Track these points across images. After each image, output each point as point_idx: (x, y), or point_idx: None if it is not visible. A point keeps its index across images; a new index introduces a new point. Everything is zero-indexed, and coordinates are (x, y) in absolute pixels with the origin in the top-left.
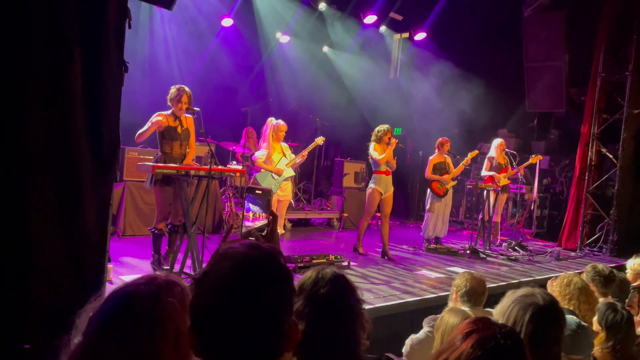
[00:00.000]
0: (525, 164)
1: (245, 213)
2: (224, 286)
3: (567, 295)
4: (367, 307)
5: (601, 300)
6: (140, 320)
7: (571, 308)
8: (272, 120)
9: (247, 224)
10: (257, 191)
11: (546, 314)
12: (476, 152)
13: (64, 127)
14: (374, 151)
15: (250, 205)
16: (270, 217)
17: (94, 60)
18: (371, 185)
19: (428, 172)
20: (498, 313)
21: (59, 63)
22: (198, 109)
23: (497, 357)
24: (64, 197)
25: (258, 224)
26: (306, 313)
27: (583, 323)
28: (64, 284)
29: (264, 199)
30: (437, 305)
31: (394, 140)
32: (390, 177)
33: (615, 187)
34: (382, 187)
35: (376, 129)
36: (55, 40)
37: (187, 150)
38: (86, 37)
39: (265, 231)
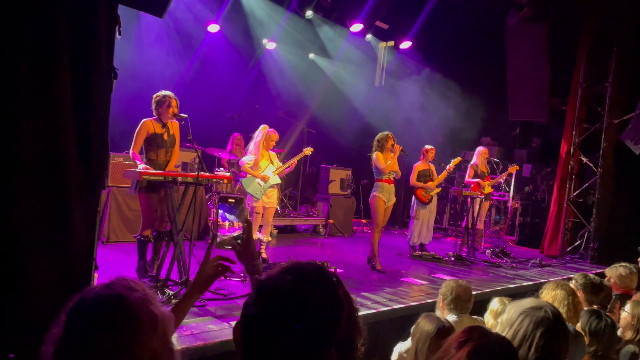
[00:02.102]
0: (504, 174)
1: (221, 222)
2: (284, 297)
3: (552, 299)
4: None
5: (586, 308)
6: (112, 322)
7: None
8: (266, 128)
9: (224, 233)
10: (229, 200)
11: (555, 329)
12: (459, 159)
13: (52, 135)
14: (378, 160)
15: (226, 214)
16: (245, 224)
17: (83, 67)
18: (374, 193)
19: (413, 180)
20: (505, 324)
21: (48, 70)
22: (186, 115)
23: None
24: (52, 205)
25: (235, 233)
26: None
27: (579, 330)
28: (51, 292)
29: (238, 207)
30: (423, 312)
31: (397, 147)
32: (392, 186)
33: (596, 195)
34: (385, 196)
35: (377, 137)
36: (44, 48)
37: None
38: (76, 44)
39: (241, 239)
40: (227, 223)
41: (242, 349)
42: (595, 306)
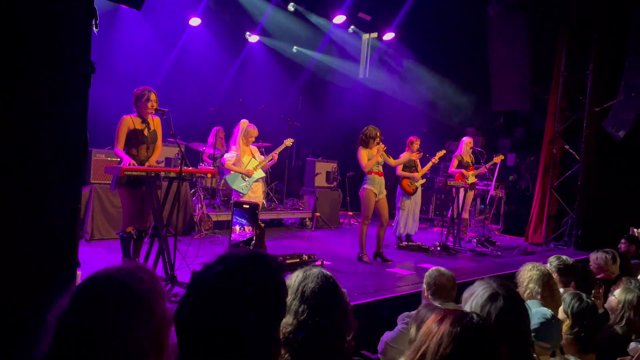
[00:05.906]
0: (489, 164)
1: (232, 227)
2: (215, 286)
3: (527, 279)
4: None
5: (562, 288)
6: (120, 304)
7: (530, 293)
8: (245, 123)
9: (235, 238)
10: (244, 205)
11: (518, 308)
12: (444, 151)
13: (27, 131)
14: (360, 157)
15: (237, 218)
16: (257, 230)
17: (58, 60)
18: (364, 185)
19: (398, 170)
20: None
21: (20, 64)
22: (167, 110)
23: (475, 330)
24: (29, 202)
25: (246, 237)
26: (294, 309)
27: (555, 315)
28: (31, 291)
29: (251, 212)
30: (409, 302)
31: (381, 146)
32: (382, 179)
33: (579, 183)
34: (376, 188)
35: (363, 131)
36: (16, 40)
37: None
38: (50, 36)
39: (252, 244)
40: (237, 227)
41: (179, 344)
42: (573, 287)
